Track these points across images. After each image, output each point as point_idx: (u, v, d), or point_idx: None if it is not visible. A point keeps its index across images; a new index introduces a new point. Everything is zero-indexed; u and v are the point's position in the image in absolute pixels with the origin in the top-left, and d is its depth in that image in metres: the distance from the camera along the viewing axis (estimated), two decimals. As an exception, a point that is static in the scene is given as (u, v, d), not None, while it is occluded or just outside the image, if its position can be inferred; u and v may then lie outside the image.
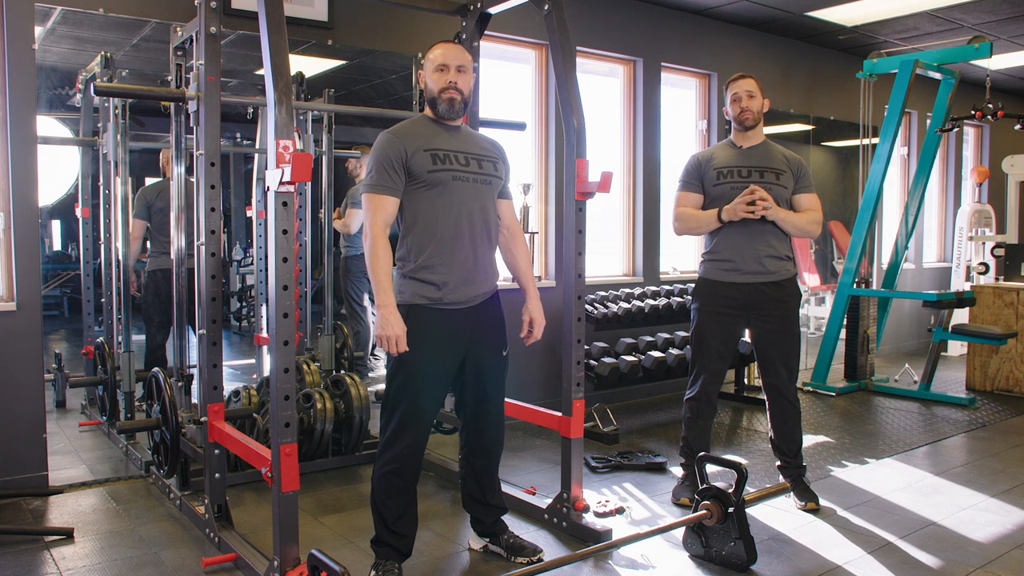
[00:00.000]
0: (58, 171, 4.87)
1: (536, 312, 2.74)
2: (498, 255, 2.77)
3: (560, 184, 5.14)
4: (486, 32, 3.69)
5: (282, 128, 2.27)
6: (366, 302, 5.19)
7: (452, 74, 2.57)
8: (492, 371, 2.69)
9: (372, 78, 4.95)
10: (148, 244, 4.81)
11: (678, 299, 5.09)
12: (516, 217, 2.81)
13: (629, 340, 4.76)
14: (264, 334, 4.43)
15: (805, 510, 3.28)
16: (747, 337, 3.78)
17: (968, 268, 7.24)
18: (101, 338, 4.34)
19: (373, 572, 2.56)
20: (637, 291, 5.17)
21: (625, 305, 4.84)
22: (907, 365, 6.22)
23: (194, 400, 3.42)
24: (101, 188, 4.31)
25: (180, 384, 3.43)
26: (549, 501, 3.13)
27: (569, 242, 2.96)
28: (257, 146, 4.65)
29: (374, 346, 5.30)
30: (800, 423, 3.39)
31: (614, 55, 5.46)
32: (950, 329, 5.47)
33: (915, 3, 5.51)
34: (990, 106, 5.47)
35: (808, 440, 4.29)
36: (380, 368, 5.30)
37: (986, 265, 6.67)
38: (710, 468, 2.99)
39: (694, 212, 3.33)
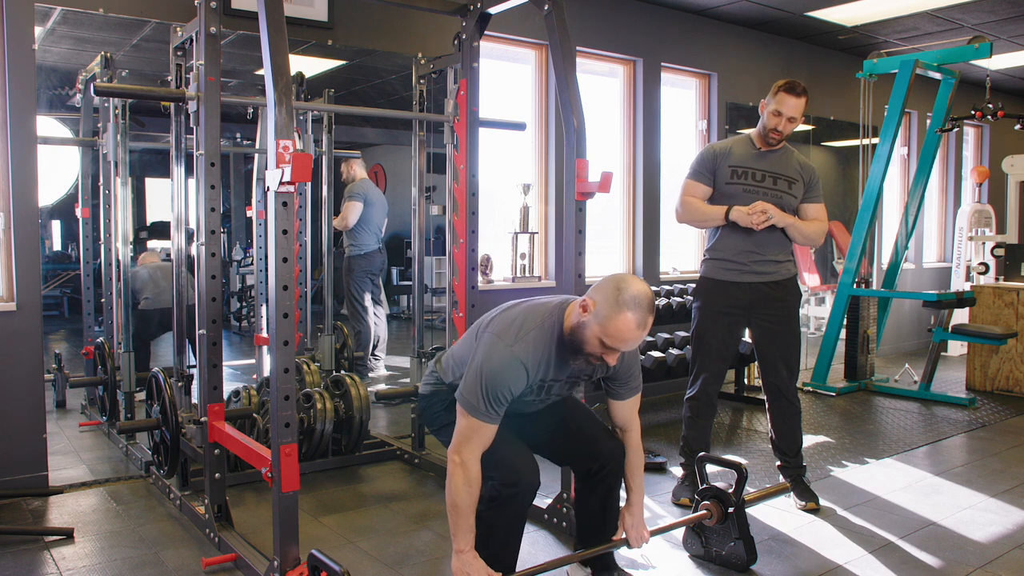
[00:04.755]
0: (58, 171, 4.87)
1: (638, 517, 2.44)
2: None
3: (560, 184, 5.13)
4: (486, 32, 3.69)
5: (282, 128, 2.26)
6: (367, 302, 5.19)
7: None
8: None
9: (372, 78, 4.95)
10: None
11: (678, 299, 5.09)
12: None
13: (629, 340, 4.74)
14: (264, 334, 4.43)
15: (805, 510, 3.28)
16: (747, 337, 3.78)
17: (968, 268, 7.24)
18: (101, 338, 4.34)
19: None
20: (637, 291, 5.15)
21: (625, 305, 4.83)
22: (907, 365, 6.22)
23: (194, 400, 3.42)
24: (101, 188, 4.31)
25: (180, 384, 3.43)
26: (549, 501, 3.13)
27: (569, 242, 2.96)
28: (257, 146, 4.65)
29: (374, 346, 5.30)
30: (800, 423, 3.39)
31: (614, 55, 5.46)
32: (950, 329, 5.47)
33: (915, 3, 5.51)
34: (990, 106, 5.47)
35: (808, 440, 4.29)
36: (380, 368, 5.30)
37: (986, 265, 6.67)
38: (710, 468, 2.99)
39: (701, 205, 3.28)
